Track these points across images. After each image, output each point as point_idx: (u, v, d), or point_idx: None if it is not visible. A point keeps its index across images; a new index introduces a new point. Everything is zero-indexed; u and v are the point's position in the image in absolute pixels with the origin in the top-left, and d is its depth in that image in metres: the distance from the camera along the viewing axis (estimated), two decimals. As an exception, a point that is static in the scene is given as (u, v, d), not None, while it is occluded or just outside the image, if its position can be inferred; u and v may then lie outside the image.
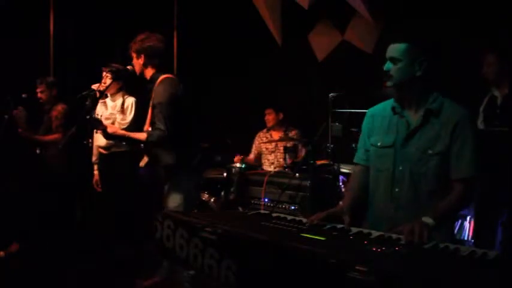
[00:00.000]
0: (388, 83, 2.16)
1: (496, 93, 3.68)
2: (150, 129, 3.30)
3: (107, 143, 4.33)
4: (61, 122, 4.83)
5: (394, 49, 2.13)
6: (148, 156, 3.36)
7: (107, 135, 3.19)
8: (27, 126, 4.79)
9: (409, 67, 2.11)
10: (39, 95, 4.85)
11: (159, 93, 3.24)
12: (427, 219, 1.92)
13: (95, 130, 3.24)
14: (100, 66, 4.34)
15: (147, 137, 3.19)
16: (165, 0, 6.27)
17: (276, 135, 5.22)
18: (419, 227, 1.83)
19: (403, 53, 2.11)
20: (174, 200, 3.29)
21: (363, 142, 2.38)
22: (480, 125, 3.75)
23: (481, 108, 3.79)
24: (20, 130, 4.76)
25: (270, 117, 5.20)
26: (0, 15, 5.34)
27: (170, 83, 3.31)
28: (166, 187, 3.34)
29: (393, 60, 2.13)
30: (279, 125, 5.21)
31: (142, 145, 3.33)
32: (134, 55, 3.34)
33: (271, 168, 5.00)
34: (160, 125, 3.16)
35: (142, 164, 3.38)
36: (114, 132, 3.21)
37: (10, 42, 5.38)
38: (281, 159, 5.08)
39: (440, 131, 2.10)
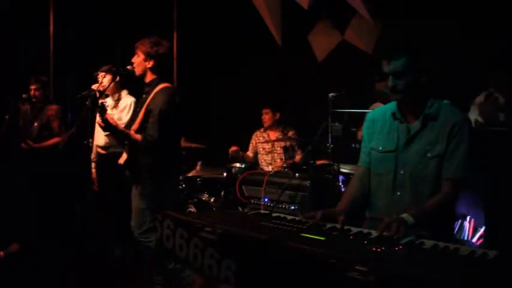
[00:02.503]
0: (397, 97, 2.17)
1: (499, 97, 3.70)
2: (137, 129, 3.29)
3: (106, 143, 4.34)
4: (61, 122, 4.83)
5: (397, 64, 2.11)
6: (130, 155, 3.33)
7: (107, 126, 3.14)
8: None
9: (416, 79, 2.12)
10: (32, 92, 4.82)
11: (160, 100, 3.26)
12: (407, 217, 1.93)
13: (98, 116, 3.17)
14: (100, 66, 4.35)
15: (141, 140, 3.20)
16: (165, 1, 6.27)
17: (273, 135, 5.20)
18: (397, 224, 1.84)
19: (407, 66, 2.10)
20: (142, 203, 3.29)
21: (365, 145, 2.39)
22: (472, 116, 3.76)
23: (478, 100, 3.79)
24: (23, 145, 4.76)
25: (266, 117, 5.18)
26: (0, 15, 5.34)
27: (171, 93, 3.34)
28: (138, 188, 3.32)
29: (398, 74, 2.12)
30: (275, 125, 5.19)
31: (126, 142, 3.32)
32: (142, 56, 3.31)
33: (268, 169, 5.00)
34: (154, 133, 3.19)
35: (121, 161, 3.37)
36: (115, 125, 3.17)
37: (10, 42, 5.38)
38: (278, 160, 5.07)
39: (438, 134, 2.12)
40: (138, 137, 3.22)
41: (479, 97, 3.86)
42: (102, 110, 3.07)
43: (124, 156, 3.36)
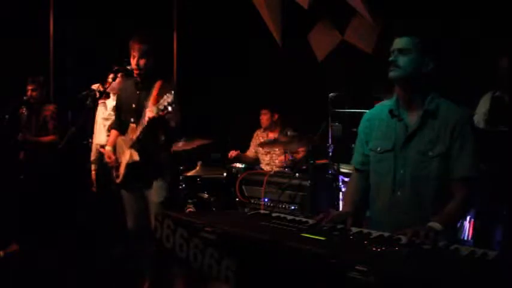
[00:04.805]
0: (394, 73, 2.10)
1: (503, 94, 3.68)
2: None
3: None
4: (56, 122, 4.83)
5: (405, 41, 2.09)
6: (138, 151, 3.37)
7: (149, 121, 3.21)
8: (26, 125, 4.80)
9: (418, 60, 2.08)
10: (29, 92, 4.82)
11: (171, 92, 3.31)
12: (435, 225, 1.86)
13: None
14: (100, 66, 4.34)
15: (174, 129, 3.32)
16: (165, 0, 6.27)
17: (272, 135, 5.20)
18: (426, 231, 1.78)
19: (414, 45, 2.07)
20: (161, 195, 3.39)
21: (360, 146, 2.35)
22: (481, 125, 3.73)
23: (485, 109, 3.77)
24: (20, 136, 4.75)
25: (264, 117, 5.18)
26: (0, 15, 5.34)
27: (173, 86, 3.41)
28: (155, 183, 3.40)
29: (402, 51, 2.09)
30: (274, 125, 5.19)
31: (135, 139, 3.36)
32: (143, 54, 3.32)
33: (268, 169, 5.00)
34: (177, 122, 3.29)
35: (136, 158, 3.39)
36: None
37: (10, 42, 5.38)
38: (276, 161, 5.08)
39: (439, 132, 2.07)
40: (173, 124, 3.30)
41: (485, 96, 3.82)
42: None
43: (134, 155, 3.37)
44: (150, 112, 3.14)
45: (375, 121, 2.29)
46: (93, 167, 4.43)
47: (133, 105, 3.43)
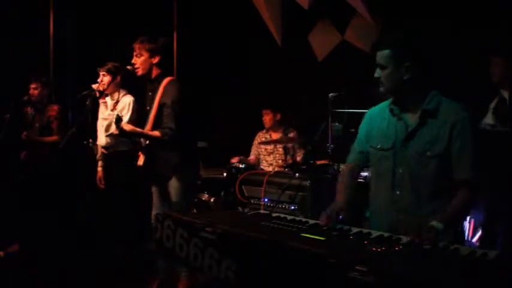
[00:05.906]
0: (381, 90, 2.17)
1: (505, 94, 3.68)
2: (152, 126, 3.37)
3: (107, 143, 4.34)
4: (61, 122, 4.84)
5: (380, 56, 2.13)
6: (148, 155, 3.40)
7: (123, 134, 3.25)
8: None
9: (395, 72, 2.10)
10: (31, 91, 4.83)
11: (171, 92, 3.35)
12: (437, 224, 1.87)
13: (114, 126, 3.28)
14: (100, 66, 4.35)
15: (162, 135, 3.27)
16: (165, 0, 6.27)
17: (275, 135, 5.19)
18: (427, 233, 1.79)
19: (387, 59, 2.10)
20: (178, 196, 3.41)
21: (358, 144, 2.36)
22: (488, 121, 3.73)
23: (492, 105, 3.77)
24: (24, 134, 4.76)
25: (267, 118, 5.18)
26: (0, 15, 5.35)
27: (179, 84, 3.44)
28: (170, 184, 3.43)
29: (381, 67, 2.14)
30: (277, 125, 5.19)
31: (145, 143, 3.41)
32: (146, 54, 3.36)
33: (270, 169, 4.99)
34: (172, 124, 3.27)
35: (140, 163, 3.43)
36: (131, 130, 3.27)
37: (10, 42, 5.38)
38: (280, 161, 5.07)
39: (439, 132, 2.07)
40: (157, 133, 3.29)
41: (493, 103, 3.83)
42: (118, 121, 3.17)
43: (141, 158, 3.41)
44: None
45: (376, 119, 2.30)
46: (99, 163, 4.43)
47: (147, 107, 3.49)
